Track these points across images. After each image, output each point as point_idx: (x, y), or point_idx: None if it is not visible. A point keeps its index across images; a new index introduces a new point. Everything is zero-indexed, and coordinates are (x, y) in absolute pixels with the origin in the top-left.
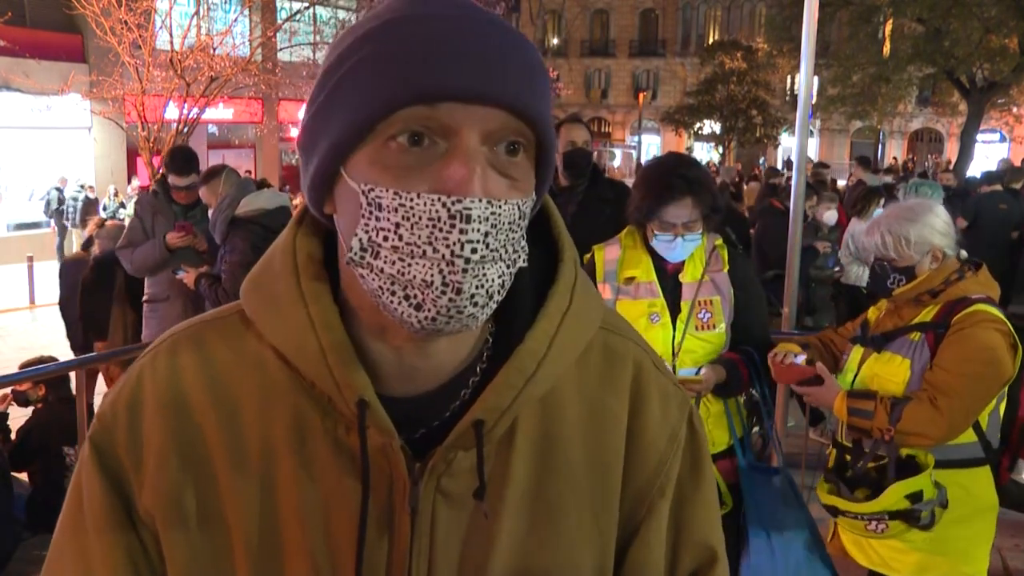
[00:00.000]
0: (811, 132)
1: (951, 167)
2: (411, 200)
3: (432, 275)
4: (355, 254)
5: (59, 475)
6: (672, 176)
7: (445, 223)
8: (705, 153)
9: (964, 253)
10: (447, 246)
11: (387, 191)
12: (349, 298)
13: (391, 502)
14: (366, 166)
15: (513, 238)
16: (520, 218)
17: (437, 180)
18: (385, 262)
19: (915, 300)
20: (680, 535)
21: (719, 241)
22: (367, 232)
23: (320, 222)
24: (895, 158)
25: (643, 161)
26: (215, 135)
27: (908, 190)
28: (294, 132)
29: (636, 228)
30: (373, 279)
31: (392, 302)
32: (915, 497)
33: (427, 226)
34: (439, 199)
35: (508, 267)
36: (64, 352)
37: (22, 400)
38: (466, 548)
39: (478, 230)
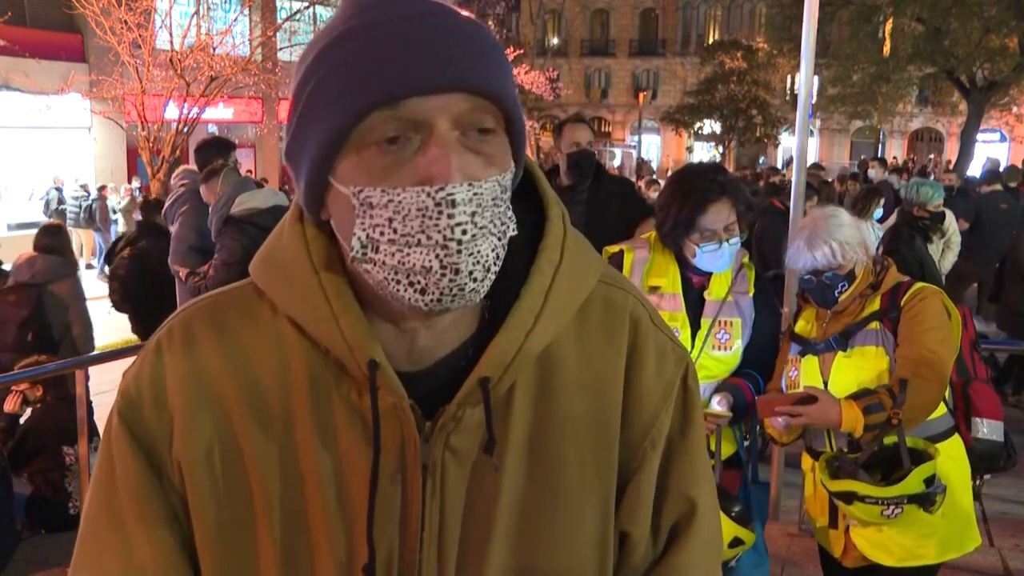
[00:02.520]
0: (811, 132)
1: (951, 167)
2: (398, 195)
3: (430, 260)
4: (357, 252)
5: (59, 475)
6: (704, 181)
7: (432, 211)
8: (705, 153)
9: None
10: (439, 231)
11: (375, 189)
12: (358, 289)
13: (403, 461)
14: (351, 171)
15: (499, 212)
16: (502, 192)
17: (418, 172)
18: (385, 255)
19: (858, 297)
20: (663, 486)
21: (746, 259)
22: (364, 230)
23: None
24: (895, 157)
25: (643, 160)
26: (215, 135)
27: (909, 189)
28: None
29: (667, 245)
30: (378, 272)
31: (398, 290)
32: (929, 481)
33: (417, 216)
34: (423, 190)
35: (499, 239)
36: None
37: (23, 401)
38: (474, 503)
39: (464, 212)
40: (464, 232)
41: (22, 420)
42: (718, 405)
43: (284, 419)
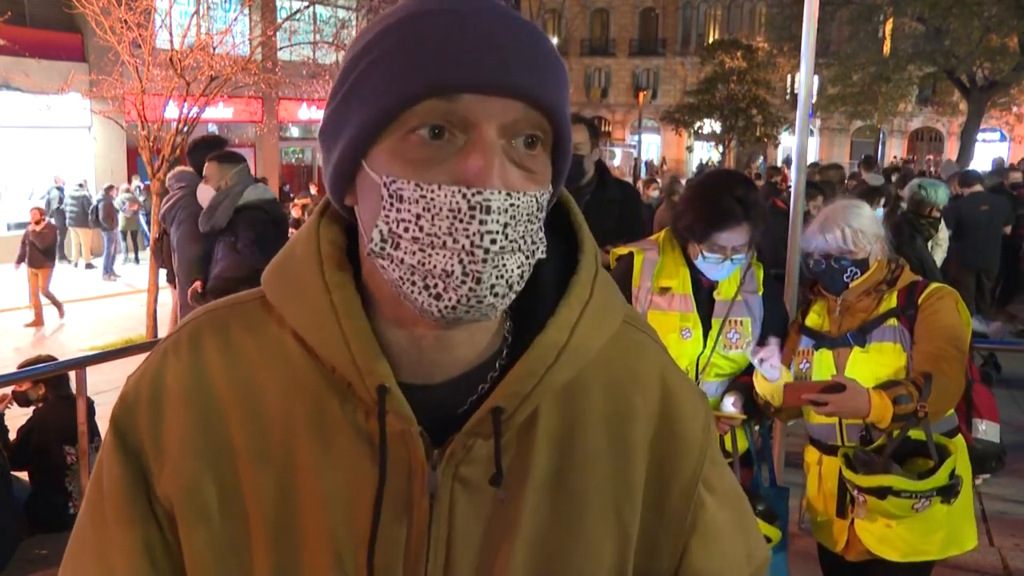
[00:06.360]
0: (811, 131)
1: (941, 168)
2: (432, 191)
3: (452, 265)
4: (376, 245)
5: (59, 475)
6: (728, 199)
7: (465, 214)
8: (705, 152)
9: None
10: (467, 236)
11: (408, 183)
12: (370, 288)
13: (409, 488)
14: (387, 158)
15: (531, 229)
16: (538, 210)
17: (457, 172)
18: (406, 253)
19: (873, 291)
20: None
21: (754, 258)
22: (387, 223)
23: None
24: (896, 157)
25: (643, 160)
26: (207, 134)
27: (921, 189)
28: (294, 131)
29: (676, 240)
30: (394, 269)
31: (412, 291)
32: (951, 474)
33: (447, 217)
34: (459, 190)
35: (527, 258)
36: (64, 351)
37: (23, 400)
38: (487, 535)
39: (497, 221)
40: (493, 241)
41: (8, 420)
42: (732, 407)
43: (285, 440)
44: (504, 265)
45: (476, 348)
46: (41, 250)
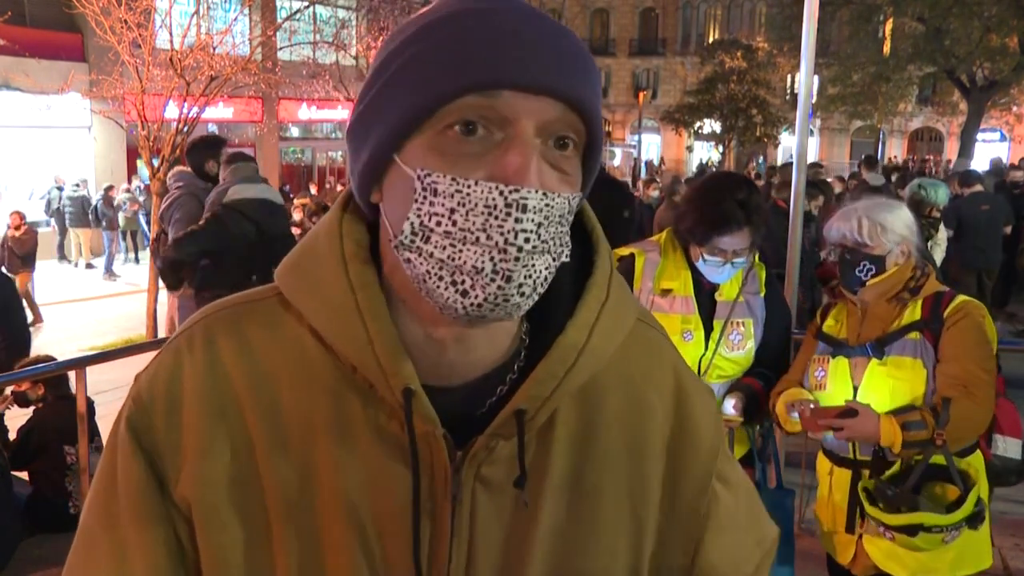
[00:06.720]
0: (811, 131)
1: (951, 166)
2: (468, 187)
3: (483, 262)
4: (405, 237)
5: (59, 475)
6: (730, 202)
7: (501, 211)
8: (705, 152)
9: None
10: (501, 234)
11: (444, 176)
12: (392, 287)
13: (432, 489)
14: (422, 153)
15: (561, 231)
16: (568, 212)
17: (494, 168)
18: (435, 247)
19: (895, 299)
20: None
21: (756, 258)
22: (419, 216)
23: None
24: (895, 157)
25: (643, 160)
26: (204, 134)
27: (924, 190)
28: (294, 131)
29: (678, 241)
30: (421, 263)
31: (439, 287)
32: (978, 501)
33: (483, 213)
34: (496, 187)
35: (553, 260)
36: (63, 351)
37: (22, 400)
38: (507, 535)
39: (532, 220)
40: (527, 240)
41: (7, 420)
42: (732, 409)
43: (304, 440)
44: (533, 265)
45: (497, 350)
46: (20, 256)
